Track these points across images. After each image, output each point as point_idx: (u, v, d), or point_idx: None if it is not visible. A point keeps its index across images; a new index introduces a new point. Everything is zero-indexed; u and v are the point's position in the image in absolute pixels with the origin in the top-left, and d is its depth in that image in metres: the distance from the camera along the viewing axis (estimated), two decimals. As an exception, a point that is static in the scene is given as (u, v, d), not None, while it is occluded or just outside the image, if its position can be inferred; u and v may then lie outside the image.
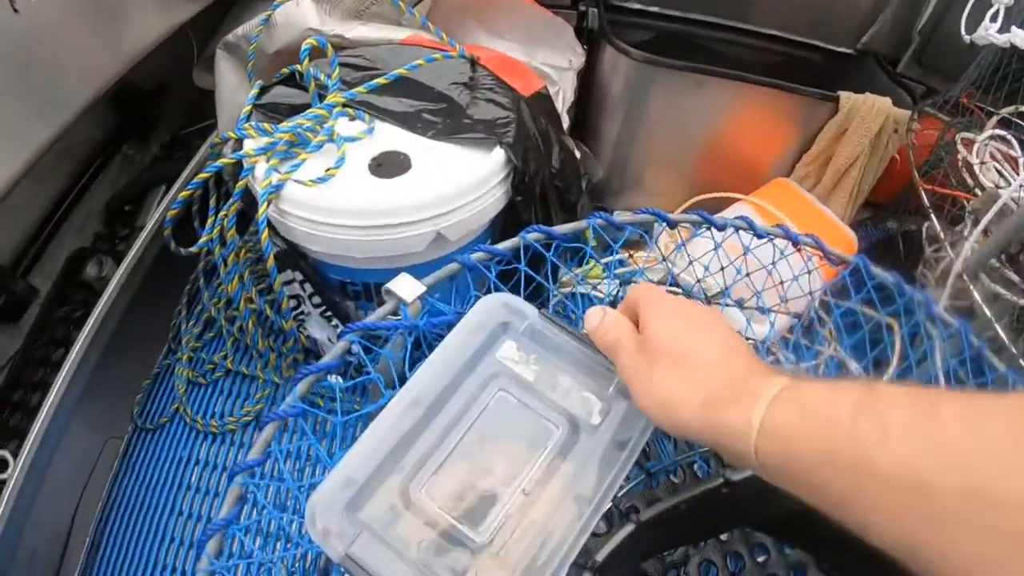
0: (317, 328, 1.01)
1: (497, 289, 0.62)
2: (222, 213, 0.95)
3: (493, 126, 0.93)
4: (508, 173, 0.92)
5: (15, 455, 0.86)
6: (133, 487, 1.08)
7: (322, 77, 0.95)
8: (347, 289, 0.94)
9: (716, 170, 1.37)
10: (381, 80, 0.95)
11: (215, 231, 0.98)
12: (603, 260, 0.72)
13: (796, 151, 1.34)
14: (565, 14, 1.34)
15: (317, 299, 0.96)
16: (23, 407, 1.00)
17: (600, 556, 0.59)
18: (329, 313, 0.96)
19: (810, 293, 0.74)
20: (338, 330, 0.98)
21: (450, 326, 0.62)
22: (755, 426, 0.40)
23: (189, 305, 1.25)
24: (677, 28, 1.48)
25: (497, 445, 0.53)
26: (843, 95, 1.25)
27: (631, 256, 1.10)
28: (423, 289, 0.65)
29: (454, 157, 0.91)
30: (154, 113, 1.31)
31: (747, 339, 0.87)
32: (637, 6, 1.45)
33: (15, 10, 0.80)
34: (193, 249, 1.01)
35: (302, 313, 1.01)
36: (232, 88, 1.19)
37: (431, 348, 0.58)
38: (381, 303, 0.93)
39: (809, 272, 0.74)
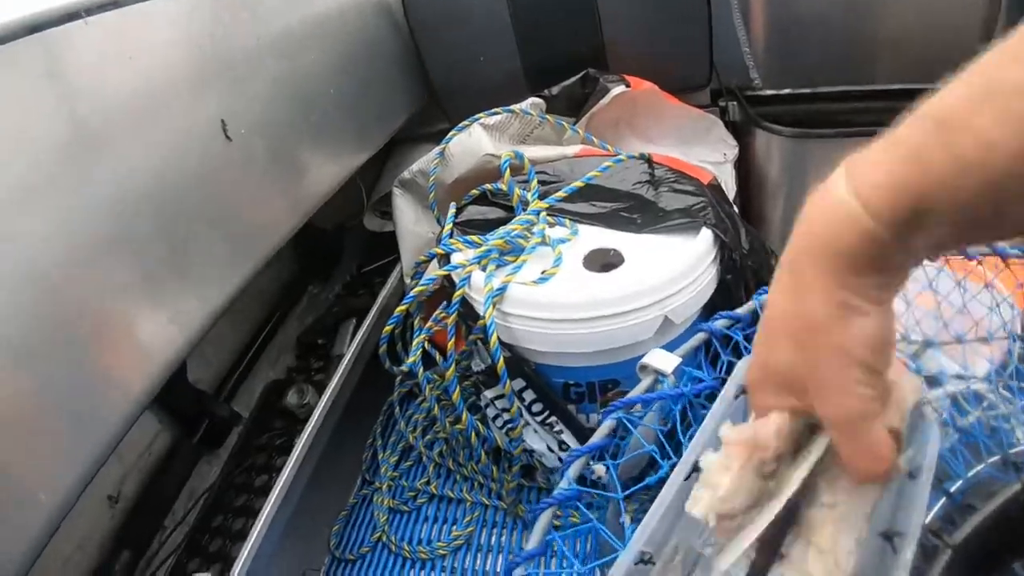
0: (536, 439, 1.03)
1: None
2: (431, 326, 1.02)
3: (690, 212, 0.99)
4: (717, 253, 0.96)
5: None
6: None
7: (518, 190, 1.04)
8: (570, 391, 0.97)
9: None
10: (578, 183, 1.02)
11: (419, 353, 1.04)
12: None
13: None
14: (708, 110, 1.43)
15: (538, 406, 0.98)
16: (224, 532, 1.05)
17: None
18: (552, 420, 0.99)
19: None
20: (561, 435, 1.00)
21: (710, 392, 0.66)
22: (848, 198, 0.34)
23: (383, 435, 1.30)
24: (808, 107, 1.54)
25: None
26: None
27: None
28: (679, 360, 0.69)
29: (663, 245, 0.96)
30: (334, 254, 1.42)
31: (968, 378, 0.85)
32: (770, 92, 1.53)
33: (228, 137, 0.91)
34: (403, 368, 1.07)
35: (518, 422, 1.03)
36: (411, 221, 1.30)
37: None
38: (605, 402, 0.97)
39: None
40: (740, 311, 0.76)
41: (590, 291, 0.90)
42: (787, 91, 1.53)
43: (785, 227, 1.39)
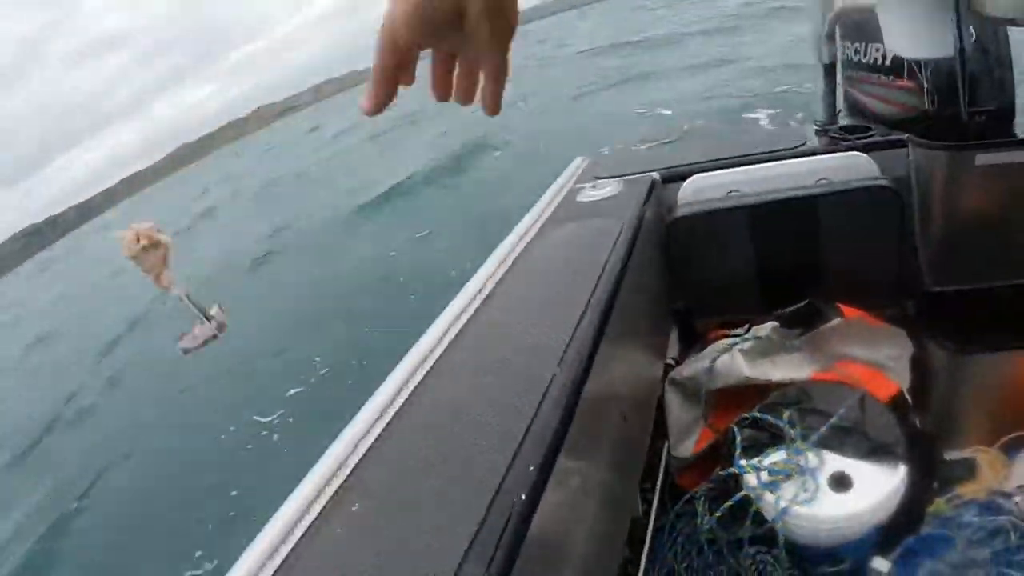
0: (781, 579, 1.66)
1: None
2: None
3: (894, 447, 1.57)
4: (908, 478, 1.54)
5: None
6: None
7: (790, 433, 1.64)
8: (807, 554, 1.59)
9: (1021, 413, 1.89)
10: (824, 431, 1.62)
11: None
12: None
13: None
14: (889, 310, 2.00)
15: (788, 564, 1.61)
16: None
17: None
18: (796, 572, 1.61)
19: None
20: None
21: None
22: None
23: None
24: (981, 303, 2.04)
25: None
26: None
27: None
28: (891, 565, 1.33)
29: (876, 471, 1.55)
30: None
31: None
32: (939, 289, 2.04)
33: (624, 420, 1.53)
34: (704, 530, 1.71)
35: (768, 569, 1.66)
36: (679, 408, 1.93)
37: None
38: (829, 565, 1.57)
39: None
40: (925, 532, 1.40)
41: (835, 510, 1.51)
42: (954, 288, 2.04)
43: (948, 404, 1.94)
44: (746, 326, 1.95)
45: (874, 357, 1.92)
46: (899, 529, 1.57)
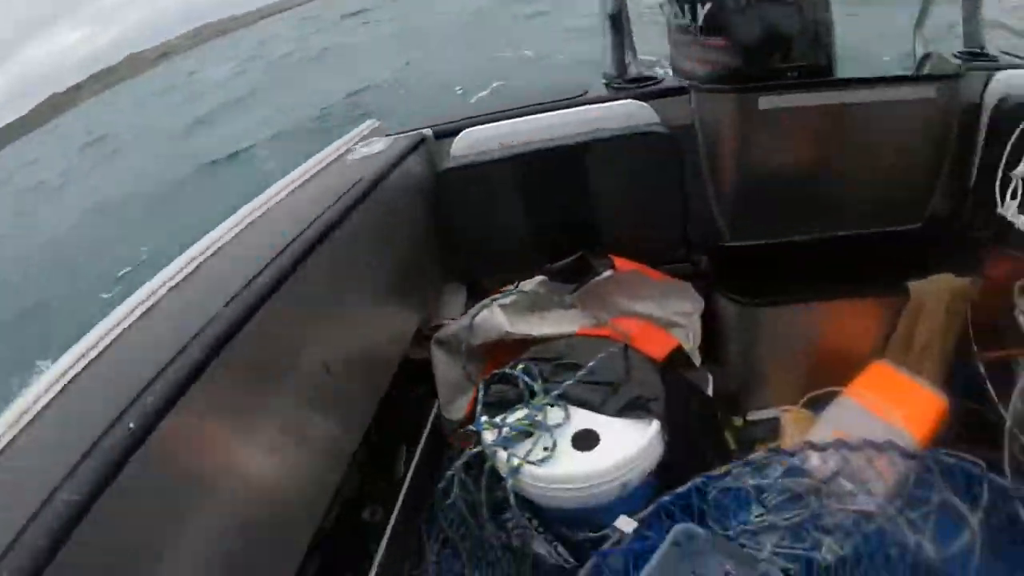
0: (539, 546, 1.56)
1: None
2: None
3: (648, 403, 1.49)
4: (664, 436, 1.48)
5: None
6: None
7: (532, 386, 1.55)
8: (553, 516, 1.51)
9: (824, 368, 1.81)
10: (569, 383, 1.53)
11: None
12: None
13: (883, 337, 1.81)
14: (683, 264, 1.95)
15: (541, 528, 1.53)
16: None
17: None
18: (549, 537, 1.53)
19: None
20: (553, 545, 1.54)
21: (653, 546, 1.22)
22: None
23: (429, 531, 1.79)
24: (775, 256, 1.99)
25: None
26: (913, 287, 1.73)
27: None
28: (636, 524, 1.26)
29: (627, 428, 1.46)
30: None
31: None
32: (737, 244, 1.98)
33: (328, 373, 1.39)
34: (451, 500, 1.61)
35: (529, 535, 1.57)
36: (445, 367, 1.81)
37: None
38: (588, 530, 1.51)
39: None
40: (681, 489, 1.33)
41: (576, 468, 1.39)
42: (752, 243, 1.99)
43: (743, 363, 1.91)
44: (517, 282, 1.85)
45: (660, 313, 1.83)
46: (659, 487, 1.47)
